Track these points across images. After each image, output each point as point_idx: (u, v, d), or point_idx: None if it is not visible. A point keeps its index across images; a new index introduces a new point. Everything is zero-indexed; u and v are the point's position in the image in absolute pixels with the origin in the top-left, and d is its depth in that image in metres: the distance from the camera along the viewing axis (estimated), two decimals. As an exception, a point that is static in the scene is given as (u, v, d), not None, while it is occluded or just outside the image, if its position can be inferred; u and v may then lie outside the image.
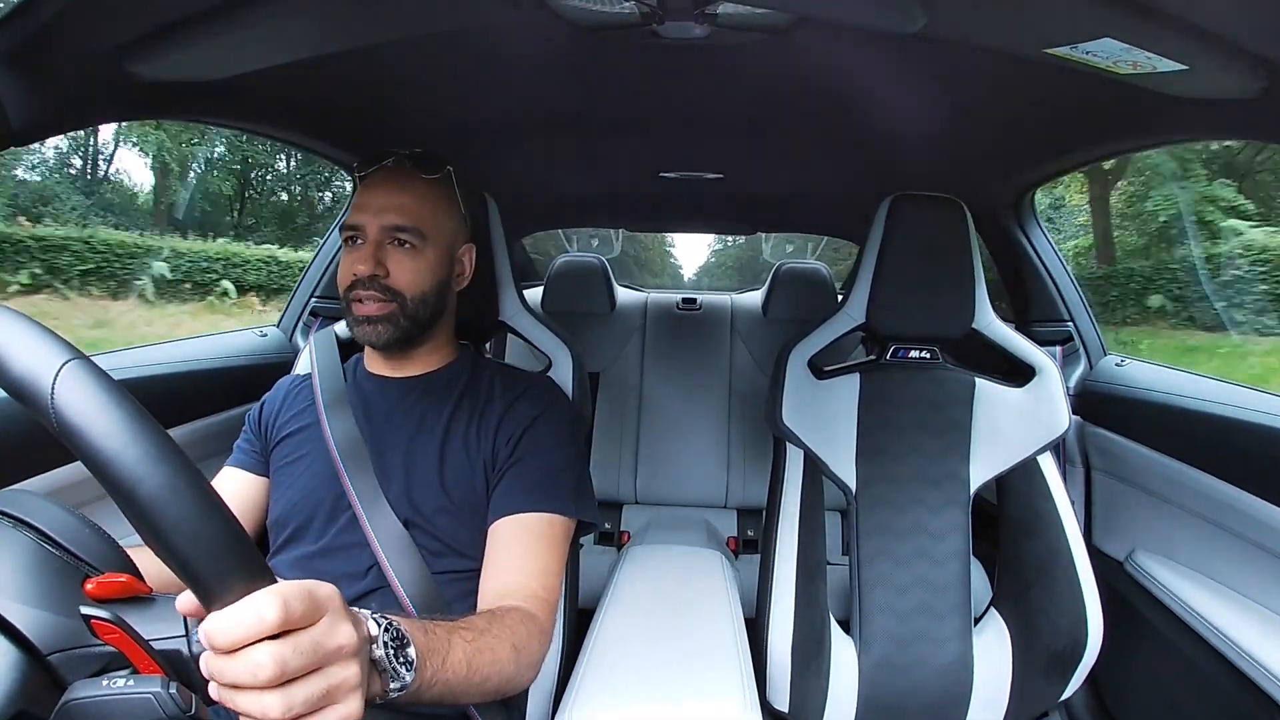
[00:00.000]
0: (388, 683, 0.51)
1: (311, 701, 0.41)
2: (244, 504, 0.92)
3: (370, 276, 0.85)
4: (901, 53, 0.88)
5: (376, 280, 0.85)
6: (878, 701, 1.05)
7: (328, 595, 0.44)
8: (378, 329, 0.86)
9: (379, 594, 0.81)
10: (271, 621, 0.39)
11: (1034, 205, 1.46)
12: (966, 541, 1.10)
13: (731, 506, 2.04)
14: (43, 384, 0.37)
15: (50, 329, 0.40)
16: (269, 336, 1.47)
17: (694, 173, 1.58)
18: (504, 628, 0.69)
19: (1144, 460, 1.17)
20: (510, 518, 0.83)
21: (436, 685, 0.57)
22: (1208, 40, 0.62)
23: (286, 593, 0.40)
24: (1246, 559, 0.99)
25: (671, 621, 0.94)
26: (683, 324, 2.20)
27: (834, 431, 1.11)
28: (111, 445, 0.37)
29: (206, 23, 0.68)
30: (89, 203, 9.88)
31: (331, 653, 0.43)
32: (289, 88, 0.99)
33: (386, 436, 0.89)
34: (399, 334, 0.87)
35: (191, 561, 0.38)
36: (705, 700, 0.76)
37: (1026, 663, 1.06)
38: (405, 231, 0.86)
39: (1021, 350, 1.14)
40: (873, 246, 1.12)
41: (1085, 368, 1.40)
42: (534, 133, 1.33)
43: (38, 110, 0.70)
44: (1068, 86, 0.89)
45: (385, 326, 0.86)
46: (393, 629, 0.52)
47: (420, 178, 0.89)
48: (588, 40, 0.88)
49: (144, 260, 8.00)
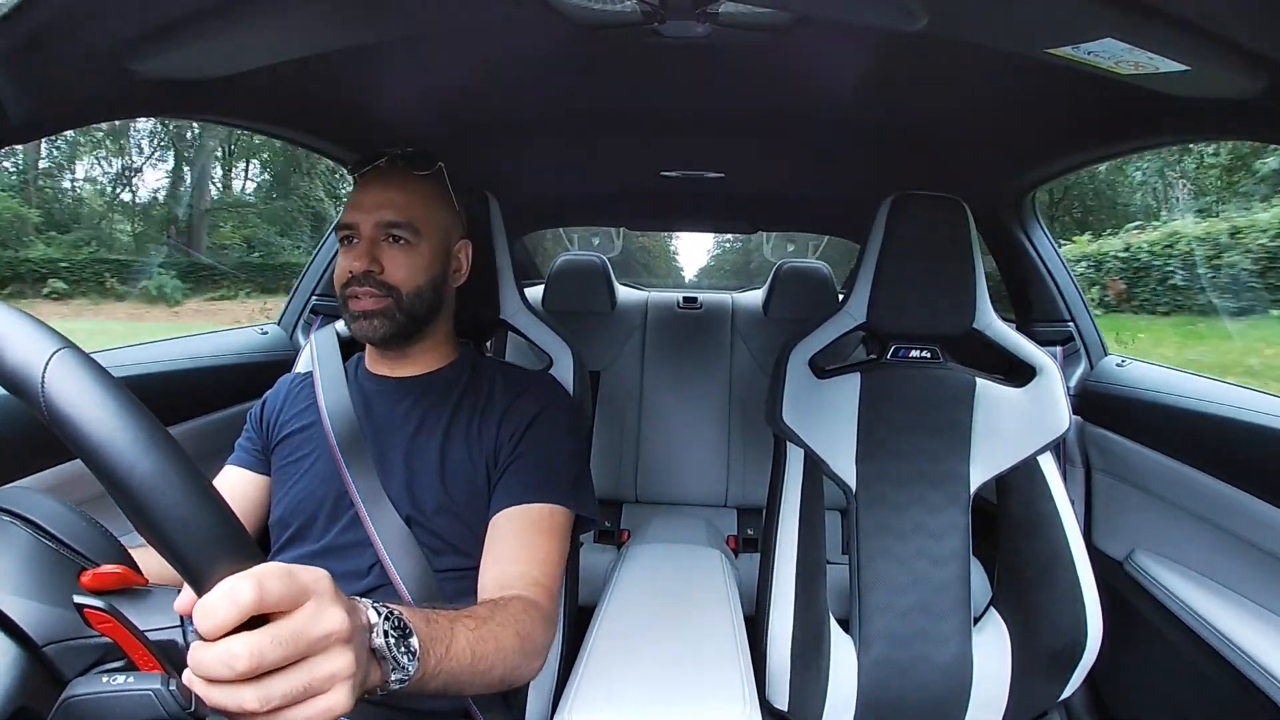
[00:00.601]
0: (389, 673, 0.49)
1: (292, 694, 0.39)
2: (246, 502, 0.92)
3: (365, 272, 0.85)
4: (902, 52, 0.88)
5: (371, 276, 0.86)
6: (877, 700, 1.05)
7: (314, 579, 0.42)
8: (374, 323, 0.86)
9: (381, 592, 0.81)
10: (246, 602, 0.37)
11: (1035, 205, 1.46)
12: (966, 541, 1.10)
13: (731, 505, 2.04)
14: (33, 373, 0.37)
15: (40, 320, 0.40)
16: (269, 334, 1.47)
17: (695, 172, 1.58)
18: (507, 615, 0.69)
19: (1144, 460, 1.17)
20: (511, 509, 0.83)
21: (440, 675, 0.56)
22: (1208, 41, 0.62)
23: (263, 574, 0.38)
24: (1246, 560, 0.99)
25: (671, 620, 0.94)
26: (683, 323, 2.20)
27: (834, 431, 1.11)
28: (101, 432, 0.37)
29: (206, 21, 0.68)
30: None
31: (316, 641, 0.40)
32: (289, 86, 0.99)
33: (388, 435, 0.89)
34: (395, 328, 0.88)
35: (181, 547, 0.37)
36: (705, 699, 0.76)
37: (1026, 662, 1.06)
38: (398, 227, 0.87)
39: (1022, 350, 1.14)
40: (873, 246, 1.11)
41: (1086, 368, 1.40)
42: (535, 131, 1.32)
43: (37, 108, 0.70)
44: (1069, 86, 0.89)
45: (381, 321, 0.87)
46: (393, 617, 0.51)
47: (412, 175, 0.90)
48: (589, 39, 0.88)
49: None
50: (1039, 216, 1.48)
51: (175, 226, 11.68)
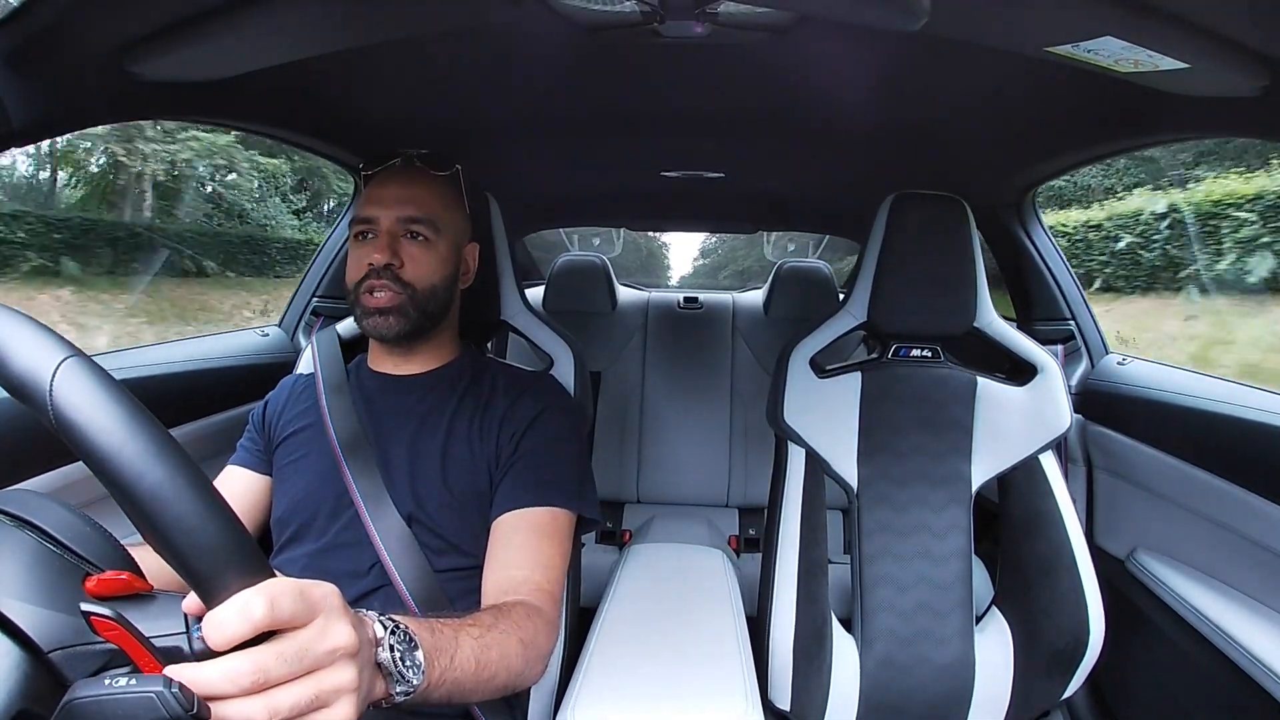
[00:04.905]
0: (393, 687, 0.50)
1: (298, 707, 0.39)
2: (247, 503, 0.92)
3: (385, 266, 0.86)
4: (902, 51, 0.88)
5: (390, 270, 0.86)
6: (879, 700, 1.05)
7: (323, 595, 0.43)
8: (388, 320, 0.87)
9: (382, 592, 0.81)
10: (258, 619, 0.38)
11: (1035, 203, 1.46)
12: (968, 540, 1.10)
13: (733, 505, 2.04)
14: (41, 381, 0.37)
15: (49, 326, 0.40)
16: (270, 336, 1.47)
17: (695, 171, 1.58)
18: (511, 623, 0.69)
19: (1145, 459, 1.17)
20: (513, 512, 0.83)
21: (445, 684, 0.56)
22: (1208, 39, 0.62)
23: (275, 590, 0.39)
24: (1248, 558, 0.99)
25: (673, 620, 0.94)
26: (684, 323, 2.20)
27: (836, 430, 1.11)
28: (110, 441, 0.37)
29: (206, 23, 0.68)
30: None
31: (323, 656, 0.41)
32: (289, 88, 0.99)
33: (389, 434, 0.89)
34: (409, 326, 0.88)
35: (190, 558, 0.37)
36: (707, 699, 0.76)
37: (1028, 661, 1.06)
38: (419, 223, 0.88)
39: (1023, 349, 1.14)
40: (874, 245, 1.11)
41: (1087, 366, 1.40)
42: (535, 132, 1.32)
43: (38, 110, 0.70)
44: (1069, 85, 0.89)
45: (396, 318, 0.87)
46: (400, 632, 0.51)
47: (431, 174, 0.92)
48: (588, 39, 0.88)
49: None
50: (1039, 215, 1.48)
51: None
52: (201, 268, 7.15)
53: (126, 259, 6.44)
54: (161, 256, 7.15)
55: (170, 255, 6.98)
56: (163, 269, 6.82)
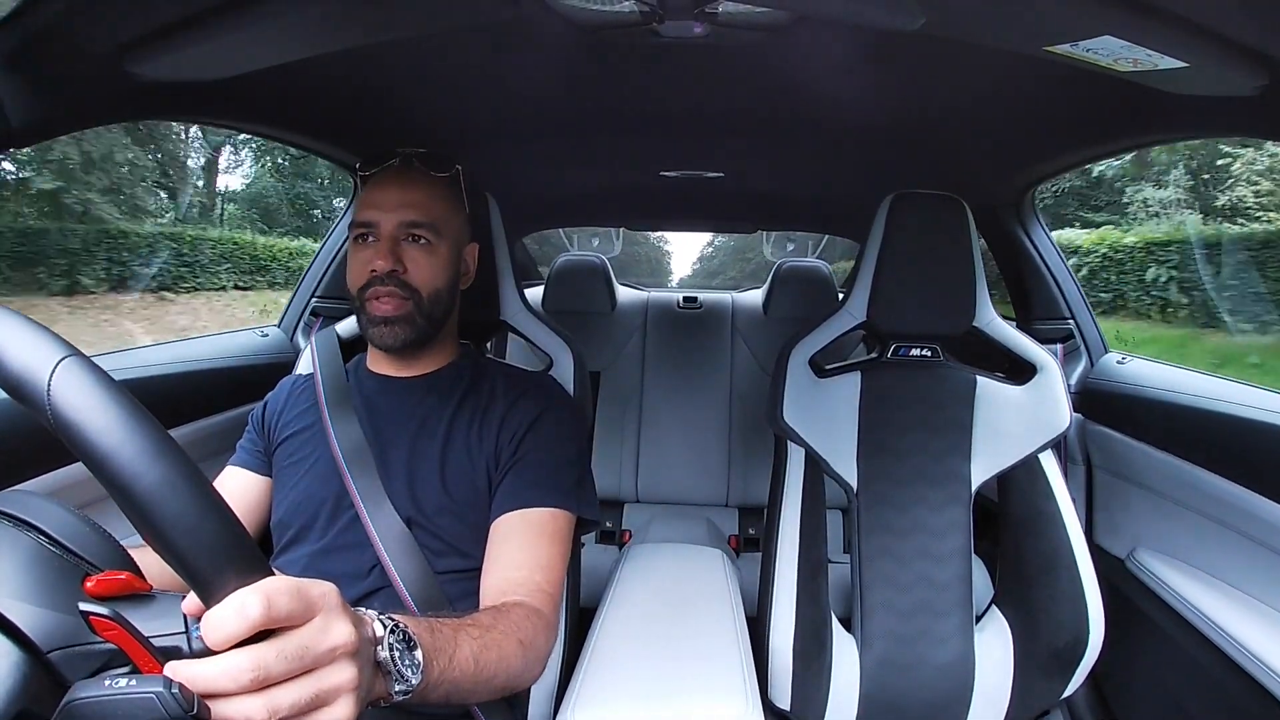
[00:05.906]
0: (392, 685, 0.50)
1: (298, 705, 0.39)
2: (247, 504, 0.92)
3: (389, 272, 0.85)
4: (902, 51, 0.88)
5: (394, 276, 0.85)
6: (879, 699, 1.05)
7: (321, 593, 0.42)
8: (395, 330, 0.86)
9: (381, 594, 0.81)
10: (255, 617, 0.37)
11: (1035, 203, 1.46)
12: (968, 539, 1.10)
13: (733, 505, 2.04)
14: (39, 380, 0.37)
15: (46, 326, 0.40)
16: (270, 337, 1.47)
17: (694, 171, 1.58)
18: (510, 624, 0.69)
19: (1145, 458, 1.17)
20: (512, 513, 0.83)
21: (444, 685, 0.56)
22: (1208, 38, 0.62)
23: (272, 589, 0.39)
24: (1248, 556, 0.99)
25: (673, 620, 0.94)
26: (684, 323, 2.20)
27: (835, 430, 1.11)
28: (108, 441, 0.37)
29: (206, 23, 0.68)
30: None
31: (323, 654, 0.41)
32: (289, 88, 0.99)
33: (389, 436, 0.89)
34: (415, 334, 0.88)
35: (188, 557, 0.37)
36: (707, 699, 0.76)
37: (1028, 660, 1.06)
38: (420, 228, 0.87)
39: (1022, 348, 1.14)
40: (873, 245, 1.12)
41: (1086, 365, 1.40)
42: (534, 132, 1.32)
43: (38, 111, 0.70)
44: (1068, 84, 0.89)
45: (403, 328, 0.86)
46: (399, 630, 0.51)
47: (430, 175, 0.90)
48: (588, 39, 0.88)
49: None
50: (1038, 214, 1.48)
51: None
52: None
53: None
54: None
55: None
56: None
